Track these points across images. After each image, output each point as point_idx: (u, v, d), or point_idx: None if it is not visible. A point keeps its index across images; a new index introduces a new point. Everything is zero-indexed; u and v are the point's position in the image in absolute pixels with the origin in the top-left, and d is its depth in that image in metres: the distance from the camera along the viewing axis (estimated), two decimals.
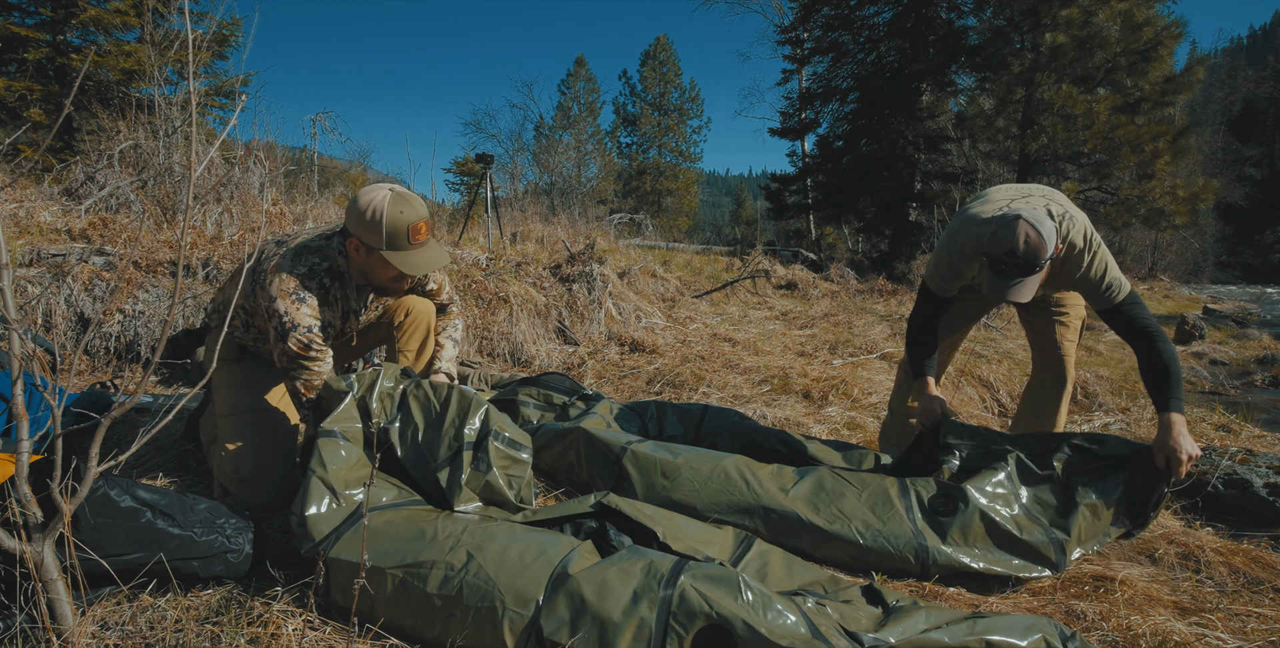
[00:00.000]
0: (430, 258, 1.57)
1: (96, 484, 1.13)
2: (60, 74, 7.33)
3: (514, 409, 2.13)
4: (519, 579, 1.09)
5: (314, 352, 1.57)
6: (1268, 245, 24.71)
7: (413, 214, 1.51)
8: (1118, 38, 8.34)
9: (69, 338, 2.83)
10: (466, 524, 1.24)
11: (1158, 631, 1.22)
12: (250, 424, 1.65)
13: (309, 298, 1.56)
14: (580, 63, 26.38)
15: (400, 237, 1.51)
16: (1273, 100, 27.31)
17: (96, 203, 3.97)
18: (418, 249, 1.55)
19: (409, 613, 1.11)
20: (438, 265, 1.57)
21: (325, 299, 1.61)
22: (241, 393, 1.70)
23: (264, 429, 1.66)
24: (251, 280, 1.61)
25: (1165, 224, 8.61)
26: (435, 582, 1.10)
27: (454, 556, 1.14)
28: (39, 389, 1.02)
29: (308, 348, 1.55)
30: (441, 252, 1.61)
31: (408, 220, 1.51)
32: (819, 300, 6.82)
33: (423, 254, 1.56)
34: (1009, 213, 1.53)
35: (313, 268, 1.59)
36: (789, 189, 13.63)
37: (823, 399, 2.97)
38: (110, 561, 1.11)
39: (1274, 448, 2.49)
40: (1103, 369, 4.29)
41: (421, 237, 1.54)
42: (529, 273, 4.19)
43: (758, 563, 1.34)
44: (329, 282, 1.61)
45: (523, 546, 1.17)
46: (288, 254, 1.58)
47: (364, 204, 1.51)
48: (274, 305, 1.53)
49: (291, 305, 1.53)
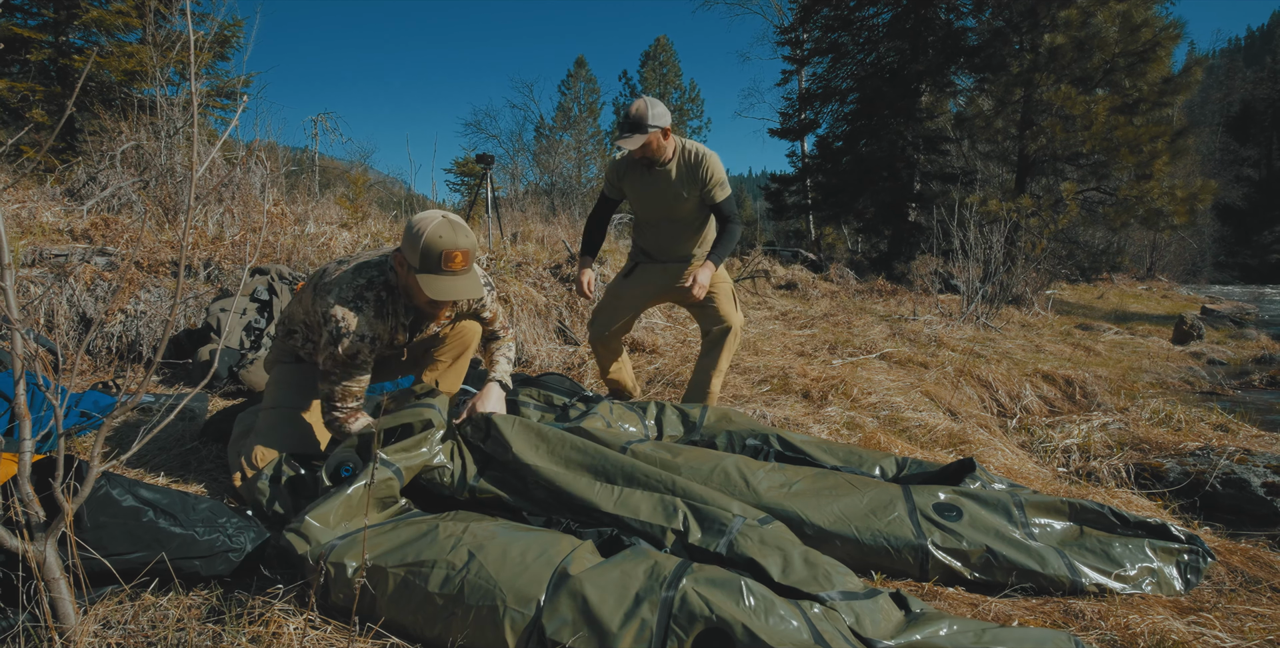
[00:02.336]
0: (458, 287, 1.56)
1: (98, 484, 1.13)
2: (62, 75, 7.34)
3: (514, 410, 2.14)
4: (520, 579, 1.09)
5: (360, 359, 1.63)
6: (1265, 246, 24.73)
7: (451, 241, 1.52)
8: (1116, 39, 8.35)
9: (71, 338, 2.83)
10: (467, 524, 1.24)
11: (1156, 630, 1.23)
12: (287, 420, 1.75)
13: (365, 308, 1.62)
14: (580, 63, 26.41)
15: (433, 260, 1.52)
16: (1270, 101, 27.33)
17: (99, 203, 3.98)
18: (449, 276, 1.55)
19: (410, 612, 1.11)
20: (464, 296, 1.57)
21: (380, 312, 1.66)
22: (290, 391, 1.81)
23: (298, 427, 1.76)
24: (313, 294, 1.67)
25: (1164, 224, 8.62)
26: (436, 581, 1.11)
27: (455, 555, 1.14)
28: (41, 389, 1.02)
29: (355, 355, 1.61)
30: (475, 285, 1.60)
31: (444, 246, 1.52)
32: (818, 300, 6.83)
33: (452, 282, 1.56)
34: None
35: (371, 280, 1.65)
36: (789, 189, 13.64)
37: (822, 399, 2.97)
38: (112, 560, 1.11)
39: (1272, 448, 2.49)
40: (1102, 369, 4.29)
41: (456, 265, 1.54)
42: (529, 273, 4.20)
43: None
44: (385, 295, 1.66)
45: (524, 545, 1.17)
46: (349, 269, 1.65)
47: (414, 222, 1.55)
48: (330, 311, 1.59)
49: (348, 313, 1.59)
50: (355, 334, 1.59)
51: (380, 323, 1.66)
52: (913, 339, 4.63)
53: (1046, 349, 5.15)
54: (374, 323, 1.63)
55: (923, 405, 3.00)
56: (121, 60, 6.86)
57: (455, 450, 1.58)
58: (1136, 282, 16.05)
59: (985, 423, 3.12)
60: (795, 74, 14.90)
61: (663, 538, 1.35)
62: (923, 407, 2.97)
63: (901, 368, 3.77)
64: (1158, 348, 5.74)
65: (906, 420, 2.73)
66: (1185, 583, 1.43)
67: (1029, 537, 1.48)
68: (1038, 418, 3.38)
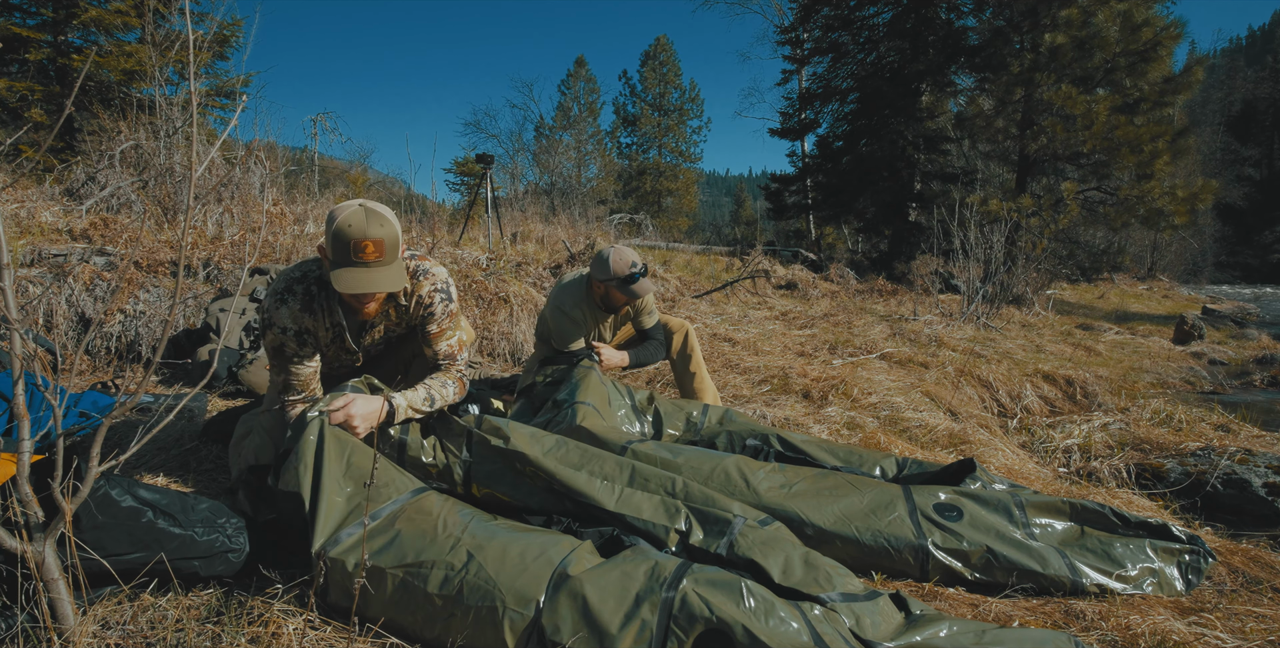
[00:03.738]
0: (370, 280, 1.44)
1: (98, 484, 1.13)
2: (61, 74, 7.34)
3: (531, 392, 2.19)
4: (520, 579, 1.09)
5: (287, 352, 1.61)
6: (1266, 245, 24.72)
7: (361, 230, 1.42)
8: (1117, 38, 8.35)
9: (70, 338, 2.83)
10: (466, 524, 1.24)
11: (1156, 630, 1.22)
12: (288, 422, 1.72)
13: (291, 301, 1.58)
14: (580, 63, 26.39)
15: (344, 250, 1.43)
16: (1271, 101, 27.32)
17: (98, 203, 3.98)
18: (361, 268, 1.44)
19: (409, 613, 1.11)
20: (373, 289, 1.44)
21: (309, 306, 1.60)
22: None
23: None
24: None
25: (1164, 224, 8.61)
26: (436, 582, 1.10)
27: (454, 555, 1.14)
28: (40, 389, 1.02)
29: (279, 348, 1.60)
30: (392, 278, 1.47)
31: (353, 235, 1.42)
32: (819, 300, 6.83)
33: (365, 274, 1.44)
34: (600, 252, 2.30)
35: (306, 273, 1.61)
36: (789, 189, 13.64)
37: (822, 399, 2.97)
38: (111, 560, 1.11)
39: (1273, 448, 2.49)
40: (1102, 369, 4.29)
41: (368, 255, 1.43)
42: (529, 273, 4.19)
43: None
44: (316, 289, 1.61)
45: (523, 545, 1.17)
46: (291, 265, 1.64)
47: (332, 213, 1.48)
48: (264, 301, 1.60)
49: (275, 304, 1.58)
50: (277, 326, 1.56)
51: (308, 317, 1.60)
52: (913, 339, 4.62)
53: (1047, 349, 5.14)
54: (299, 316, 1.58)
55: (923, 406, 2.99)
56: (120, 60, 6.86)
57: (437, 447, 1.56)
58: (1137, 282, 16.05)
59: (986, 423, 3.12)
60: (795, 74, 14.90)
61: (665, 538, 1.35)
62: (923, 407, 2.97)
63: (902, 368, 3.77)
64: (1158, 348, 5.73)
65: (907, 421, 2.73)
66: (1186, 584, 1.43)
67: (1030, 537, 1.48)
68: (1038, 418, 3.38)
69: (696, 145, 26.75)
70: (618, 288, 2.24)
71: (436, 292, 1.68)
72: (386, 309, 1.69)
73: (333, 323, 1.65)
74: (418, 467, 1.52)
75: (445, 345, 1.73)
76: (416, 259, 1.69)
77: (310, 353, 1.64)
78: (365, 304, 1.57)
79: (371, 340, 1.76)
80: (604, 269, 2.24)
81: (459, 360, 1.76)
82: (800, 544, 1.32)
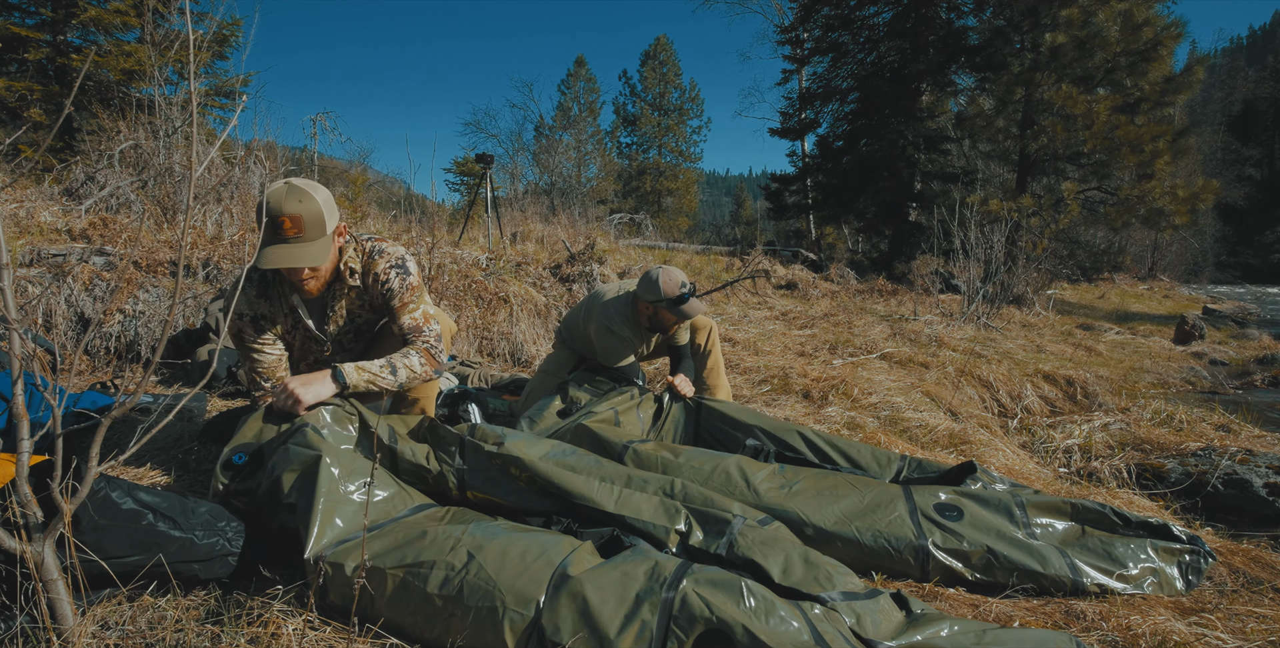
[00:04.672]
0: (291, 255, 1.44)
1: (98, 486, 1.13)
2: (60, 74, 7.33)
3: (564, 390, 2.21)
4: (520, 579, 1.09)
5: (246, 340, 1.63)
6: (1267, 245, 24.72)
7: (277, 206, 1.43)
8: (1117, 38, 8.35)
9: (69, 338, 2.83)
10: (467, 525, 1.24)
11: (1157, 630, 1.22)
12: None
13: (247, 287, 1.61)
14: (580, 63, 26.38)
15: (268, 227, 1.44)
16: (1272, 100, 27.31)
17: (97, 203, 3.97)
18: (282, 244, 1.45)
19: (409, 613, 1.11)
20: (290, 264, 1.45)
21: (264, 292, 1.63)
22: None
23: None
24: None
25: (1165, 224, 8.61)
26: (436, 582, 1.10)
27: (454, 555, 1.14)
28: (39, 389, 1.02)
29: (238, 334, 1.62)
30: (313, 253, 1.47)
31: (272, 210, 1.43)
32: (819, 300, 6.82)
33: (286, 250, 1.45)
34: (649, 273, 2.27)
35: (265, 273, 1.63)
36: (789, 189, 13.63)
37: (823, 399, 2.97)
38: (111, 563, 1.11)
39: (1274, 448, 2.49)
40: (1103, 369, 4.29)
41: (286, 230, 1.44)
42: (529, 273, 4.19)
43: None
44: (271, 275, 1.63)
45: (523, 546, 1.17)
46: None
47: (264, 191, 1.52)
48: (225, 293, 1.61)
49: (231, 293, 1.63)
50: (235, 313, 1.57)
51: (263, 302, 1.62)
52: (913, 339, 4.62)
53: (1047, 349, 5.14)
54: (255, 302, 1.60)
55: (923, 406, 2.99)
56: (120, 59, 6.85)
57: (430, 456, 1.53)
58: (1138, 281, 16.05)
59: (986, 423, 3.12)
60: (795, 73, 14.90)
61: (665, 539, 1.34)
62: (923, 407, 2.97)
63: (902, 368, 3.77)
64: (1159, 348, 5.73)
65: (907, 421, 2.73)
66: (1187, 584, 1.43)
67: (1030, 537, 1.48)
68: (1039, 418, 3.37)
69: (696, 145, 26.77)
70: (668, 309, 2.22)
71: (392, 268, 1.67)
72: (341, 290, 1.67)
73: (289, 307, 1.66)
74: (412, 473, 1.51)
75: (409, 318, 1.69)
76: (374, 241, 1.69)
77: (270, 340, 1.65)
78: (303, 283, 1.57)
79: (336, 326, 1.73)
80: (653, 290, 2.21)
81: (426, 332, 1.70)
82: (800, 544, 1.32)
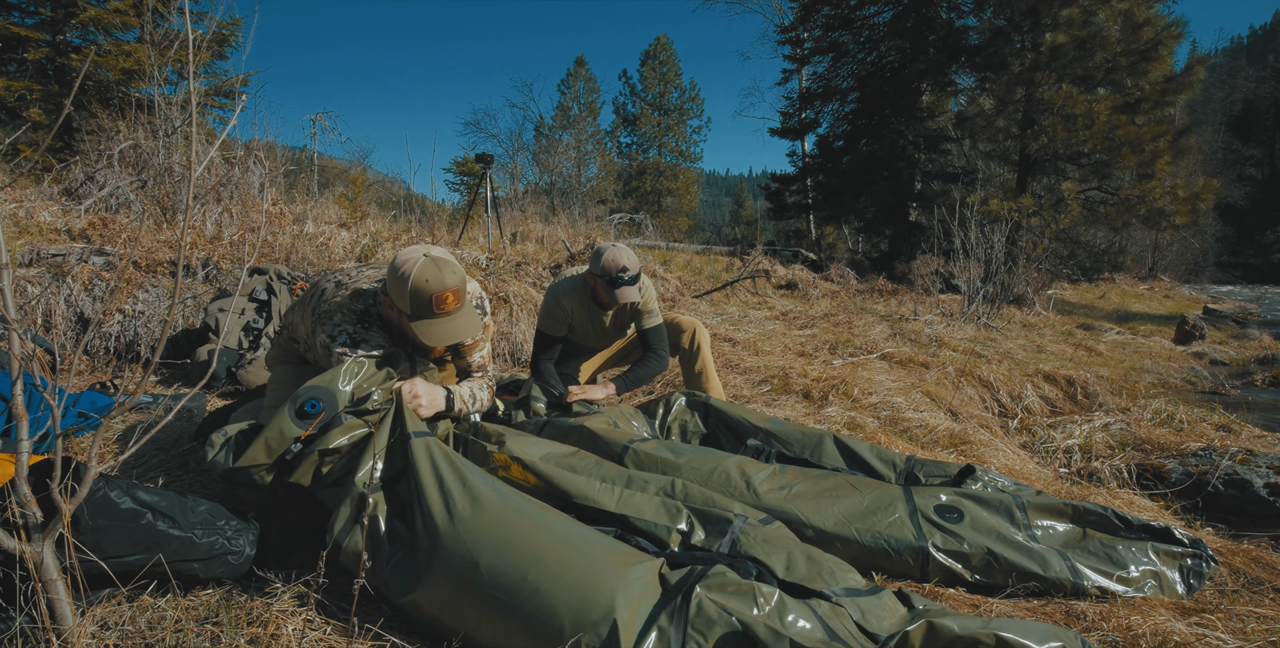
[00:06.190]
0: (454, 329, 1.52)
1: (97, 486, 1.13)
2: (60, 74, 7.33)
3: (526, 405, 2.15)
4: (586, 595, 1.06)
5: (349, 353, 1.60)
6: (1268, 245, 24.70)
7: (439, 283, 1.47)
8: (1118, 38, 8.34)
9: (69, 338, 2.83)
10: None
11: (1158, 631, 1.22)
12: None
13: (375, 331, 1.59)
14: (580, 63, 26.37)
15: (424, 304, 1.48)
16: (1273, 100, 27.29)
17: (96, 203, 3.97)
18: (443, 318, 1.52)
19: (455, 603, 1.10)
20: (462, 337, 1.53)
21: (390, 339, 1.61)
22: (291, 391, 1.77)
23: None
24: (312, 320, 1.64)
25: (1165, 224, 8.60)
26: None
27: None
28: (39, 389, 1.02)
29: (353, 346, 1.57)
30: (472, 322, 1.55)
31: (433, 289, 1.47)
32: (819, 300, 6.82)
33: (449, 324, 1.52)
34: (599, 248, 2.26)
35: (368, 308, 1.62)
36: (789, 189, 13.63)
37: (823, 399, 2.97)
38: (110, 562, 1.10)
39: (1274, 448, 2.49)
40: (1103, 369, 4.29)
41: (448, 306, 1.50)
42: (529, 273, 4.19)
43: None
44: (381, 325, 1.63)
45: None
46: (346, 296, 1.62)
47: (399, 265, 1.50)
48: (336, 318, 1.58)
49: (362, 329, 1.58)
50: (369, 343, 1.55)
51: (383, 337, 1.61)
52: (913, 339, 4.62)
53: (1048, 349, 5.14)
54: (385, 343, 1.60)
55: (924, 406, 2.99)
56: (119, 59, 6.85)
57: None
58: (1138, 281, 16.05)
59: (986, 423, 3.11)
60: (796, 73, 14.89)
61: (667, 538, 1.34)
62: (924, 407, 2.97)
63: (902, 368, 3.76)
64: (1160, 348, 5.73)
65: (907, 421, 2.73)
66: (1188, 587, 1.43)
67: (1031, 539, 1.47)
68: (1039, 418, 3.37)
69: (696, 145, 26.74)
70: (602, 287, 2.24)
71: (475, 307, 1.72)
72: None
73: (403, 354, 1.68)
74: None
75: (478, 357, 1.79)
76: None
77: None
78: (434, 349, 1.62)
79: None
80: (596, 263, 2.24)
81: (490, 371, 1.82)
82: (801, 542, 1.33)
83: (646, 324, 2.44)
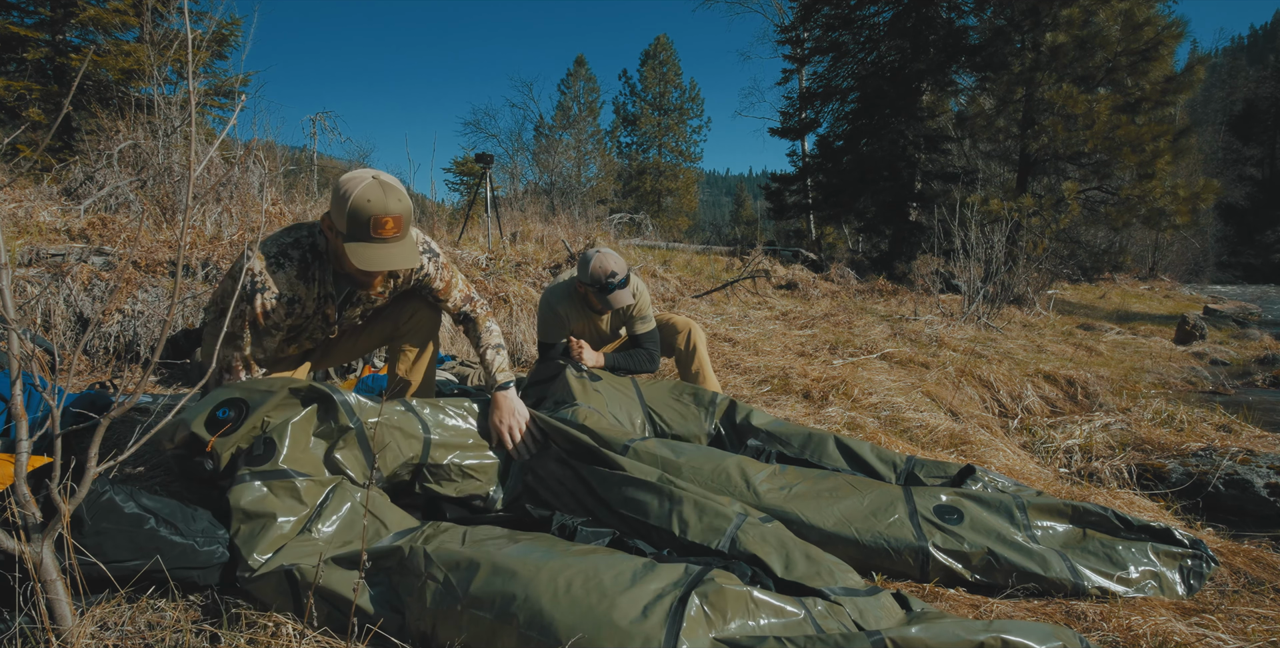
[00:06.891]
0: (391, 256, 1.44)
1: (101, 489, 1.12)
2: (59, 73, 7.32)
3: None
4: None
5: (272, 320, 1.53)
6: (1268, 245, 24.70)
7: (381, 205, 1.40)
8: (1118, 37, 8.34)
9: (68, 338, 2.82)
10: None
11: (1158, 631, 1.22)
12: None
13: (287, 266, 1.51)
14: (580, 63, 26.37)
15: (362, 225, 1.40)
16: (1273, 100, 27.28)
17: (95, 203, 3.97)
18: (379, 244, 1.43)
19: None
20: (396, 266, 1.45)
21: (304, 274, 1.55)
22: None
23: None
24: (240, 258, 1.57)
25: (1166, 224, 8.60)
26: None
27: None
28: (38, 389, 1.02)
29: (269, 314, 1.51)
30: (409, 254, 1.47)
31: (374, 210, 1.39)
32: (819, 300, 6.82)
33: (384, 250, 1.43)
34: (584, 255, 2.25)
35: (298, 240, 1.54)
36: (789, 189, 13.62)
37: (823, 399, 2.97)
38: (111, 567, 1.10)
39: (1275, 448, 2.48)
40: (1103, 369, 4.29)
41: (386, 231, 1.42)
42: (529, 273, 4.19)
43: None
44: (310, 257, 1.55)
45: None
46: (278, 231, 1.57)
47: (342, 183, 1.43)
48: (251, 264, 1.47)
49: (271, 269, 1.49)
50: (271, 291, 1.48)
51: (302, 285, 1.55)
52: (914, 339, 4.62)
53: (1048, 349, 5.14)
54: (294, 283, 1.53)
55: (924, 406, 2.99)
56: (119, 59, 6.84)
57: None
58: (1139, 281, 16.05)
59: (987, 423, 3.11)
60: (796, 73, 14.89)
61: (667, 536, 1.34)
62: (924, 407, 2.97)
63: (902, 368, 3.76)
64: (1160, 348, 5.73)
65: (907, 421, 2.73)
66: (1188, 588, 1.43)
67: (1031, 540, 1.47)
68: (1039, 418, 3.37)
69: (696, 145, 26.74)
70: (594, 295, 2.22)
71: (423, 253, 1.66)
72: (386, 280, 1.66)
73: (322, 293, 1.60)
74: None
75: (458, 294, 1.76)
76: None
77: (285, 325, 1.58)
78: (374, 279, 1.56)
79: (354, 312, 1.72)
80: (584, 271, 2.22)
81: (476, 298, 1.79)
82: (801, 541, 1.33)
83: (639, 330, 2.42)
